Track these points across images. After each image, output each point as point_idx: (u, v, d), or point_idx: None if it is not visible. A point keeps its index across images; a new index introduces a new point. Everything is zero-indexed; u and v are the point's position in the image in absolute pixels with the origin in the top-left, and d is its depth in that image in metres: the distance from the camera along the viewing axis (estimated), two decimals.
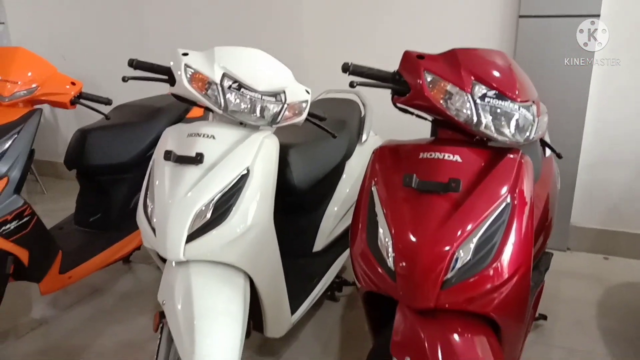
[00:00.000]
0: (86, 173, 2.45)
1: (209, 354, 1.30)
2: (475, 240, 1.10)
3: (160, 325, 1.44)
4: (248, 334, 1.54)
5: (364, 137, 2.34)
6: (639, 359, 1.95)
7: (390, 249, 1.16)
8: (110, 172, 2.39)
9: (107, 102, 2.17)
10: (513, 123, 1.19)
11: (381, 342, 1.24)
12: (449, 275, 1.10)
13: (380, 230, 1.19)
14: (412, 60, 1.22)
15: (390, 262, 1.15)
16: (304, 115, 1.63)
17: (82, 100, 2.09)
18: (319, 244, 2.13)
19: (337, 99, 2.50)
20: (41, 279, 2.01)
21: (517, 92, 1.19)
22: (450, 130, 1.29)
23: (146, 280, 2.64)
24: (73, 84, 2.04)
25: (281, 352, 2.02)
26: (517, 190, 1.16)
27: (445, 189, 1.14)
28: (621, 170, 2.70)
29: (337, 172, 2.19)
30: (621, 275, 2.59)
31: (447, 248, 1.09)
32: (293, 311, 1.76)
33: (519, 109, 1.18)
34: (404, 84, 1.24)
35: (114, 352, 2.05)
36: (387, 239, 1.17)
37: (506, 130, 1.19)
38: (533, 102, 1.23)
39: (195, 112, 2.51)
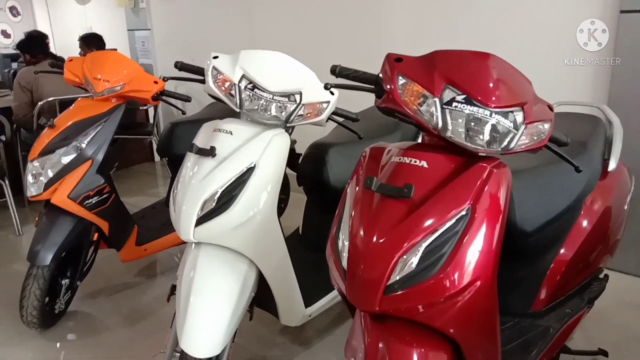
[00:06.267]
0: (174, 161, 2.78)
1: (195, 327, 1.44)
2: (422, 248, 1.06)
3: (173, 296, 1.62)
4: (251, 317, 1.66)
5: None
6: None
7: (346, 249, 1.17)
8: None
9: (187, 99, 2.43)
10: (487, 130, 1.11)
11: None
12: (392, 281, 1.07)
13: (342, 230, 1.21)
14: (389, 63, 1.20)
15: (344, 262, 1.16)
16: (324, 115, 1.68)
17: (163, 97, 2.37)
18: None
19: None
20: (120, 248, 2.36)
21: (492, 97, 1.10)
22: (434, 136, 1.23)
23: None
24: (156, 82, 2.34)
25: (312, 344, 2.10)
26: (480, 201, 1.08)
27: (399, 193, 1.11)
28: None
29: None
30: None
31: (391, 254, 1.07)
32: (308, 304, 1.81)
33: (491, 115, 1.10)
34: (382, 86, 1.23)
35: None
36: (344, 239, 1.18)
37: (479, 138, 1.12)
38: (522, 107, 1.13)
39: None
